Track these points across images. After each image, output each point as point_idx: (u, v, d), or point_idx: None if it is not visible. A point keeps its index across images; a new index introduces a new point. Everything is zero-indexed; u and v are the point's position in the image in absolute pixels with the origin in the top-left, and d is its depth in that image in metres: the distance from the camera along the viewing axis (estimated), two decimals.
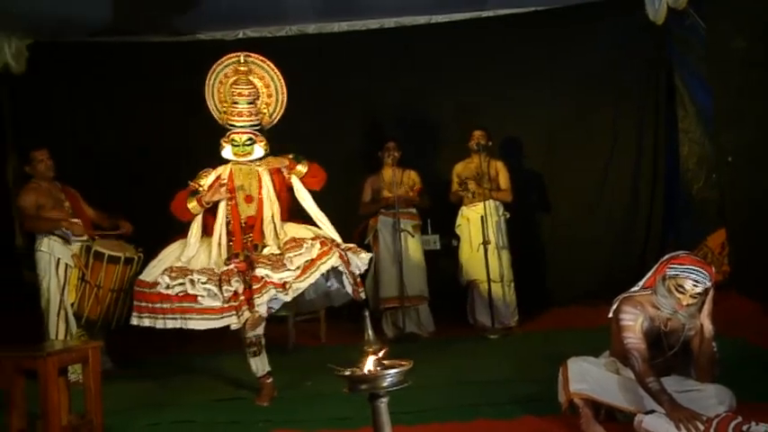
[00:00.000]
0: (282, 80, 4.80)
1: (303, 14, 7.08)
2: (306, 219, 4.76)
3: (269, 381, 4.58)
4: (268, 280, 4.30)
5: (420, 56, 7.29)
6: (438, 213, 6.65)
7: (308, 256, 4.36)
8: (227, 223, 4.61)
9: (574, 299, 6.87)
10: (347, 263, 4.50)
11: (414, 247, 6.48)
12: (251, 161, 4.69)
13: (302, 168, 4.65)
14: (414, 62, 7.29)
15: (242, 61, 4.76)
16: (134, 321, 4.40)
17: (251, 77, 4.75)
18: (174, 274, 4.32)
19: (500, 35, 7.18)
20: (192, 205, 4.59)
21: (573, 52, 7.11)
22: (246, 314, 4.31)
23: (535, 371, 4.51)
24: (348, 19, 7.32)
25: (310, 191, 4.74)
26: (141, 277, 4.49)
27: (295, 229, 4.59)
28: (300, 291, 4.34)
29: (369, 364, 2.57)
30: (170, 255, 4.54)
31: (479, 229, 6.29)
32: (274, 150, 4.78)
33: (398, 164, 6.49)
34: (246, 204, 4.65)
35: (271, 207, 4.64)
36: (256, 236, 4.57)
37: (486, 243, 6.23)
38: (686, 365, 3.45)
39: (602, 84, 7.10)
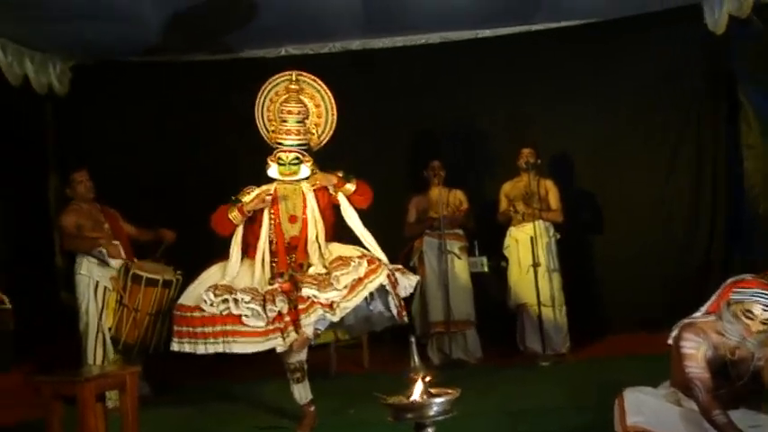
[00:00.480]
0: (333, 101, 4.87)
1: (346, 31, 7.12)
2: (351, 239, 4.79)
3: (311, 409, 4.58)
4: (315, 300, 4.30)
5: (466, 72, 7.26)
6: (486, 234, 6.65)
7: (356, 274, 4.37)
8: (270, 243, 4.64)
9: (629, 324, 6.74)
10: (394, 283, 4.50)
11: (460, 270, 6.46)
12: (296, 180, 4.71)
13: (351, 186, 4.68)
14: (459, 78, 7.27)
15: (293, 80, 4.84)
16: (174, 347, 4.38)
17: (302, 96, 4.83)
18: (218, 292, 4.33)
19: (549, 49, 7.11)
20: (234, 215, 4.63)
21: (626, 65, 7.01)
22: (293, 335, 4.31)
23: (588, 400, 4.41)
24: (392, 35, 7.34)
25: (357, 209, 4.76)
26: (181, 301, 4.50)
27: (340, 249, 4.62)
28: (348, 310, 4.35)
29: (415, 392, 2.49)
30: (210, 277, 4.55)
31: (529, 250, 6.28)
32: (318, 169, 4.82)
33: (444, 183, 6.51)
34: (290, 224, 4.69)
35: (315, 227, 4.67)
36: (300, 256, 4.60)
37: (535, 265, 6.19)
38: (756, 398, 3.32)
39: (657, 98, 6.97)
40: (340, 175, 4.72)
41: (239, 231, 4.69)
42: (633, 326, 6.66)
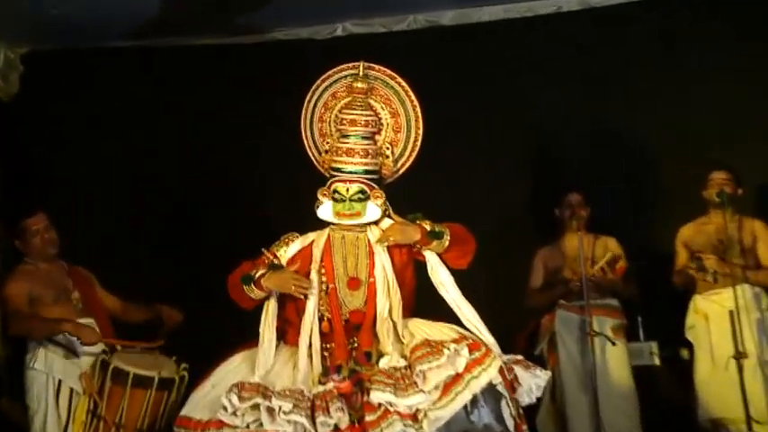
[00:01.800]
0: (419, 108, 4.92)
1: None
2: (443, 315, 4.76)
3: None
4: (390, 408, 4.27)
5: (618, 53, 7.31)
6: (655, 306, 6.60)
7: (451, 368, 4.34)
8: (321, 320, 4.67)
9: None
10: (511, 383, 4.48)
11: (616, 362, 6.39)
12: (360, 225, 4.75)
13: (443, 242, 4.71)
14: (608, 63, 7.32)
15: (361, 75, 4.88)
16: None
17: (372, 100, 4.88)
18: (246, 394, 4.35)
19: (756, 12, 7.04)
20: (248, 288, 4.69)
21: None
22: None
23: None
24: (503, 1, 7.44)
25: (454, 271, 4.78)
26: (186, 412, 4.52)
27: (427, 329, 4.64)
28: (441, 422, 4.30)
29: None
30: (231, 373, 4.60)
31: (728, 331, 6.14)
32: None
33: (588, 227, 6.49)
34: (351, 291, 4.73)
35: (388, 296, 4.70)
36: (365, 339, 4.62)
37: (740, 356, 6.03)
38: None
39: None
40: (426, 226, 4.71)
41: (272, 302, 4.73)
42: None
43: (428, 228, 4.71)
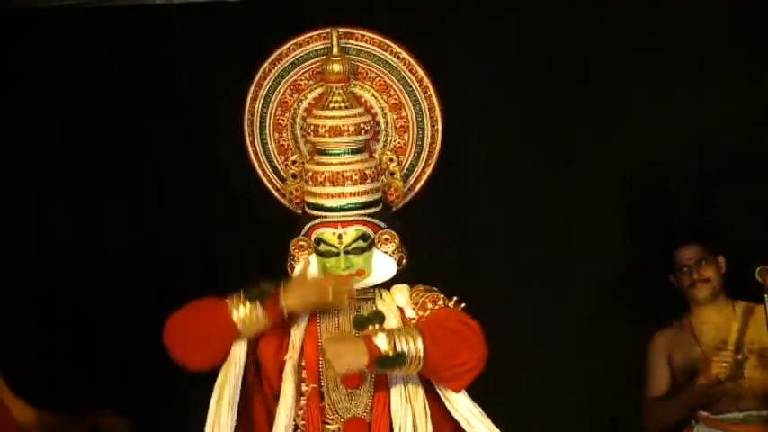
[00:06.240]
0: (433, 91, 4.14)
1: None
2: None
3: None
4: None
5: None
6: None
7: None
8: None
9: None
10: None
11: None
12: (365, 290, 3.97)
13: (408, 367, 3.76)
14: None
15: (336, 51, 4.08)
16: None
17: (358, 89, 4.17)
18: None
19: None
20: (247, 310, 3.69)
21: None
22: None
23: None
24: None
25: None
26: None
27: None
28: None
29: None
30: None
31: None
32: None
33: (724, 291, 5.74)
34: (347, 390, 3.95)
35: (408, 399, 3.90)
36: None
37: None
38: None
39: None
40: (380, 342, 3.65)
41: (236, 364, 3.89)
42: None
43: (382, 347, 3.68)
